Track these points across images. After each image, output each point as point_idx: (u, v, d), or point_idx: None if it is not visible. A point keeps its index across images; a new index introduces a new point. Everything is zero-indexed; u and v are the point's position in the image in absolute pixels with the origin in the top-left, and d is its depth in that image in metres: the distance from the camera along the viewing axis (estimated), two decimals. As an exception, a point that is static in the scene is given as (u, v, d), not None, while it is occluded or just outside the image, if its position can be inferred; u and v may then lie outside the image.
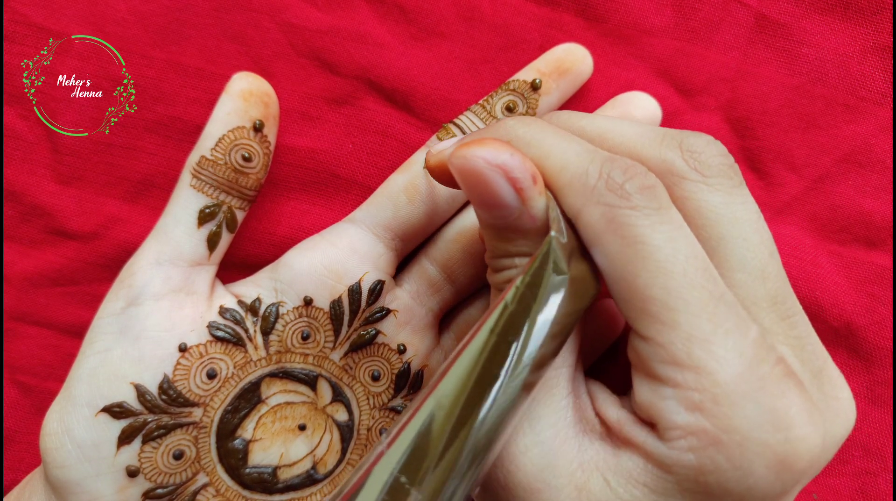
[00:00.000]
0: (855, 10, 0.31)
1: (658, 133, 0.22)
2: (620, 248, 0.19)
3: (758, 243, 0.21)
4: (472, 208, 0.29)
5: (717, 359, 0.18)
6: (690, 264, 0.19)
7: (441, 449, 0.18)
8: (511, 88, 0.29)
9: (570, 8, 0.31)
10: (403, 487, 0.18)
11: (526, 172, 0.19)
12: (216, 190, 0.27)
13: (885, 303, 0.32)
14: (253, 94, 0.27)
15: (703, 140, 0.21)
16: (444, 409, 0.18)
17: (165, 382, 0.26)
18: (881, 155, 0.31)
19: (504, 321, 0.19)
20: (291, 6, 0.30)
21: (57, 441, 0.25)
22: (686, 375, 0.18)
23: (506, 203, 0.20)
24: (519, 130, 0.21)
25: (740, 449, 0.18)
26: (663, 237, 0.19)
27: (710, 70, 0.31)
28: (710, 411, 0.18)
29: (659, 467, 0.19)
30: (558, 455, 0.20)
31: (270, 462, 0.27)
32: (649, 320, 0.19)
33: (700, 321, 0.18)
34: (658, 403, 0.19)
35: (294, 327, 0.28)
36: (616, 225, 0.19)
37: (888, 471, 0.32)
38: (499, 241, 0.21)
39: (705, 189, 0.21)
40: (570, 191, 0.20)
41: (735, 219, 0.21)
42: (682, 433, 0.18)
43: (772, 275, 0.21)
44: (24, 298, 0.31)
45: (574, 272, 0.19)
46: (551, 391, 0.21)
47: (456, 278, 0.29)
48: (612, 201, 0.19)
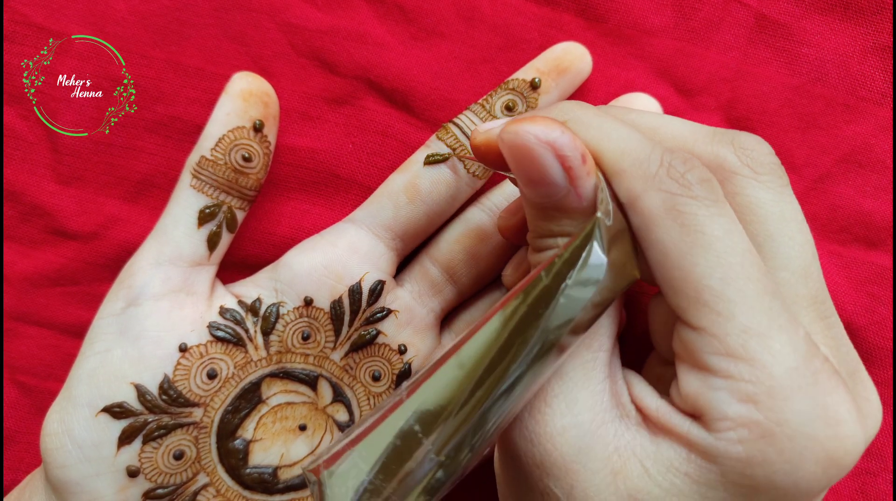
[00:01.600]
0: (855, 10, 0.31)
1: (709, 130, 0.22)
2: (680, 236, 0.19)
3: (803, 243, 0.21)
4: (474, 208, 0.30)
5: (772, 353, 0.18)
6: (748, 258, 0.19)
7: (457, 407, 0.19)
8: (510, 87, 0.29)
9: (570, 8, 0.31)
10: (416, 435, 0.19)
11: (576, 150, 0.19)
12: (216, 190, 0.27)
13: (885, 303, 0.32)
14: (253, 94, 0.27)
15: (753, 139, 0.21)
16: (465, 369, 0.19)
17: (166, 382, 0.26)
18: (881, 155, 0.31)
19: (537, 293, 0.19)
20: (291, 6, 0.30)
21: (57, 442, 0.25)
22: (740, 366, 0.18)
23: (553, 181, 0.20)
24: (577, 111, 0.21)
25: (791, 443, 0.18)
26: (722, 229, 0.19)
27: (710, 70, 0.31)
28: (764, 403, 0.18)
29: (704, 457, 0.19)
30: (595, 438, 0.20)
31: (271, 462, 0.27)
32: (704, 310, 0.19)
33: (756, 314, 0.18)
34: (707, 393, 0.19)
35: (294, 327, 0.28)
36: (676, 213, 0.19)
37: (888, 471, 0.32)
38: (543, 220, 0.21)
39: (756, 186, 0.21)
40: (629, 176, 0.20)
41: (783, 217, 0.21)
42: (732, 425, 0.18)
43: (814, 275, 0.21)
44: (24, 298, 0.31)
45: (615, 256, 0.19)
46: (589, 374, 0.21)
47: (458, 278, 0.29)
48: (673, 189, 0.19)
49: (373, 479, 0.19)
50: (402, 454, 0.19)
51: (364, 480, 0.19)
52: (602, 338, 0.21)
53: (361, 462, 0.19)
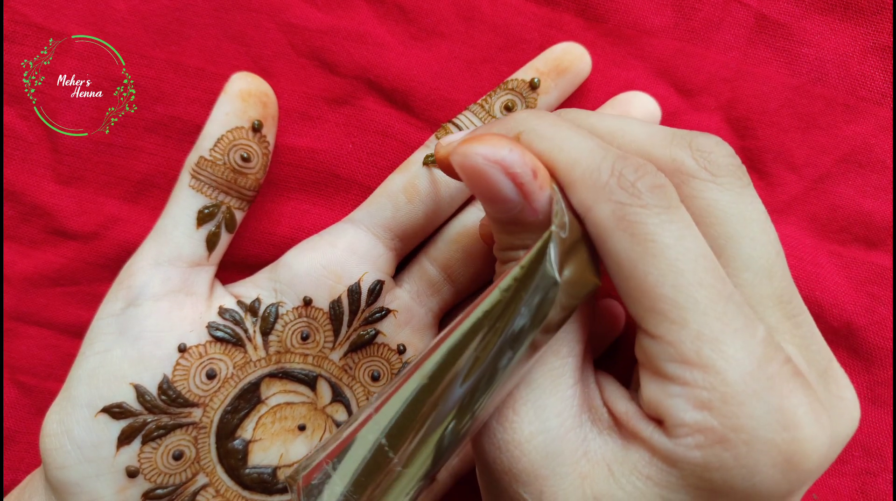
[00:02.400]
0: (855, 10, 0.31)
1: (667, 133, 0.22)
2: (630, 245, 0.19)
3: (765, 243, 0.21)
4: (473, 208, 0.30)
5: (726, 358, 0.18)
6: (700, 263, 0.19)
7: (421, 421, 0.19)
8: (510, 87, 0.29)
9: (570, 8, 0.31)
10: (385, 452, 0.19)
11: (526, 166, 0.19)
12: (215, 190, 0.27)
13: (885, 303, 0.32)
14: (251, 94, 0.27)
15: (712, 141, 0.21)
16: (426, 382, 0.19)
17: (165, 382, 0.26)
18: (881, 155, 0.31)
19: (495, 307, 0.19)
20: (291, 6, 0.30)
21: (57, 442, 0.25)
22: (695, 373, 0.18)
23: (507, 197, 0.20)
24: (531, 122, 0.21)
25: (747, 448, 0.18)
26: (673, 236, 0.19)
27: (710, 70, 0.31)
28: (718, 409, 0.18)
29: (664, 461, 0.19)
30: (563, 443, 0.20)
31: (270, 462, 0.27)
32: (658, 318, 0.19)
33: (709, 319, 0.18)
34: (665, 400, 0.19)
35: (293, 327, 0.28)
36: (626, 223, 0.19)
37: (888, 471, 0.32)
38: (504, 234, 0.21)
39: (714, 188, 0.21)
40: (580, 186, 0.20)
41: (743, 218, 0.21)
42: (689, 431, 0.18)
43: (778, 274, 0.21)
44: (24, 298, 0.31)
45: (572, 267, 0.20)
46: (557, 381, 0.21)
47: (456, 278, 0.29)
48: (623, 199, 0.19)
49: (346, 493, 0.19)
50: (372, 468, 0.19)
51: (339, 493, 0.19)
52: (571, 344, 0.21)
53: (337, 477, 0.20)
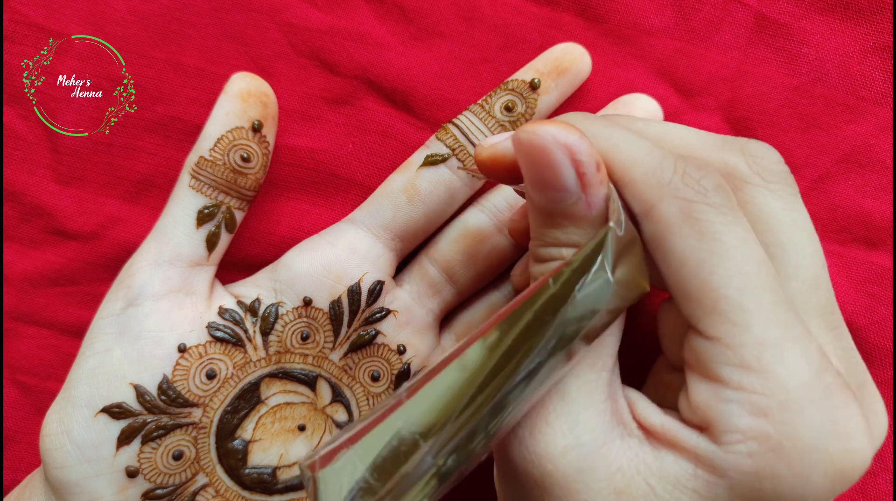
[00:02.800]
0: (855, 10, 0.31)
1: (718, 138, 0.22)
2: (698, 243, 0.19)
3: (813, 253, 0.20)
4: (474, 209, 0.30)
5: (786, 365, 0.18)
6: (764, 268, 0.18)
7: (457, 412, 0.18)
8: (510, 87, 0.29)
9: (570, 8, 0.31)
10: (415, 438, 0.18)
11: (592, 157, 0.19)
12: (215, 190, 0.27)
13: (885, 303, 0.32)
14: (251, 94, 0.27)
15: (763, 147, 0.21)
16: (467, 374, 0.19)
17: (165, 382, 0.26)
18: (881, 155, 0.31)
19: (544, 300, 0.19)
20: (291, 6, 0.30)
21: (56, 442, 0.25)
22: (753, 378, 0.18)
23: (565, 185, 0.19)
24: (584, 122, 0.21)
25: (801, 457, 0.18)
26: (739, 238, 0.19)
27: (710, 70, 0.31)
28: (775, 416, 0.18)
29: (711, 471, 0.18)
30: (598, 458, 0.19)
31: (270, 462, 0.27)
32: (719, 319, 0.18)
33: (772, 325, 0.18)
34: (717, 405, 0.18)
35: (293, 327, 0.28)
36: (693, 220, 0.19)
37: (888, 471, 0.32)
38: (548, 227, 0.21)
39: (767, 194, 0.20)
40: (642, 185, 0.19)
41: (794, 226, 0.20)
42: (741, 438, 0.18)
43: (823, 286, 0.20)
44: (24, 298, 0.31)
45: (625, 268, 0.19)
46: (592, 395, 0.20)
47: (457, 278, 0.29)
48: (689, 196, 0.19)
49: (368, 478, 0.18)
50: (399, 455, 0.18)
51: (359, 479, 0.18)
52: (605, 357, 0.21)
53: (358, 460, 0.19)
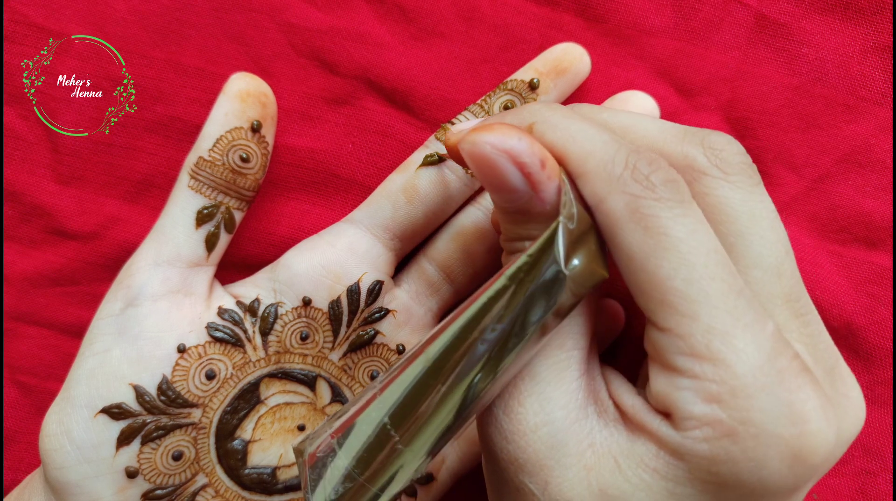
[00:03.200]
0: (855, 10, 0.31)
1: (679, 130, 0.22)
2: (643, 238, 0.19)
3: (774, 241, 0.21)
4: (472, 208, 0.30)
5: (735, 352, 0.18)
6: (712, 258, 0.19)
7: (423, 404, 0.20)
8: (509, 87, 0.29)
9: (570, 8, 0.31)
10: (388, 432, 0.20)
11: (534, 156, 0.19)
12: (214, 191, 0.27)
13: (885, 303, 0.32)
14: (250, 94, 0.27)
15: (724, 139, 0.21)
16: (430, 368, 0.20)
17: (164, 383, 0.26)
18: (881, 155, 0.31)
19: (499, 294, 0.19)
20: (291, 6, 0.30)
21: (56, 443, 0.25)
22: (704, 366, 0.18)
23: (514, 187, 0.20)
24: (544, 113, 0.21)
25: (755, 441, 0.18)
26: (686, 230, 0.19)
27: (709, 70, 0.31)
28: (727, 403, 0.18)
29: (672, 454, 0.19)
30: (568, 435, 0.20)
31: (269, 462, 0.27)
32: (669, 311, 0.19)
33: (720, 313, 0.18)
34: (674, 393, 0.19)
35: (293, 327, 0.28)
36: (640, 215, 0.19)
37: (888, 471, 0.32)
38: (511, 224, 0.21)
39: (726, 186, 0.21)
40: (594, 178, 0.20)
41: (753, 216, 0.21)
42: (697, 424, 0.18)
43: (787, 273, 0.21)
44: (24, 298, 0.31)
45: (580, 258, 0.20)
46: (562, 373, 0.21)
47: (455, 277, 0.29)
48: (637, 192, 0.19)
49: (350, 469, 0.20)
50: (375, 446, 0.20)
51: (344, 467, 0.20)
52: (575, 337, 0.21)
53: (342, 453, 0.20)
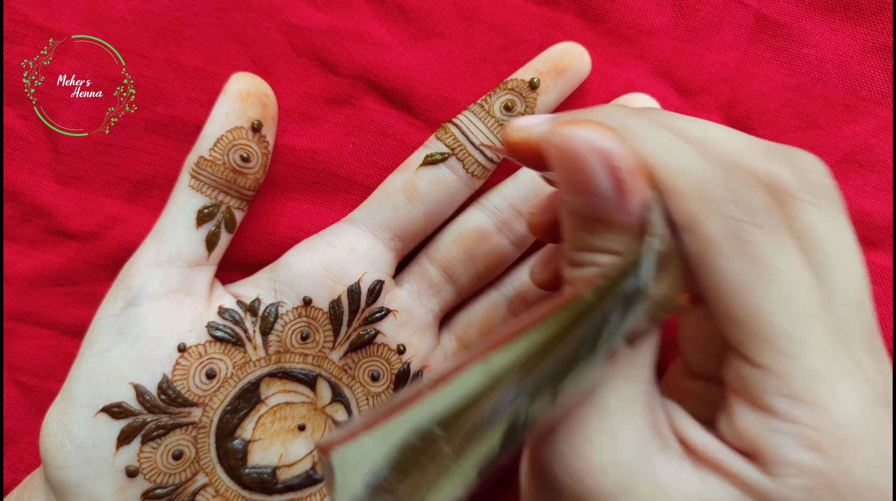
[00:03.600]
0: (855, 10, 0.31)
1: (763, 145, 0.20)
2: (744, 266, 0.18)
3: (858, 274, 0.19)
4: (474, 208, 0.30)
5: (839, 399, 0.17)
6: (814, 294, 0.18)
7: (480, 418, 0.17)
8: (509, 87, 0.29)
9: (570, 8, 0.31)
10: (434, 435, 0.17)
11: (629, 161, 0.18)
12: (215, 190, 0.27)
13: (884, 303, 0.32)
14: (251, 94, 0.27)
15: (812, 159, 0.20)
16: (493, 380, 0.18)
17: (164, 382, 0.26)
18: (881, 155, 0.31)
19: (579, 312, 0.18)
20: (291, 6, 0.30)
21: (56, 442, 0.25)
22: (805, 411, 0.17)
23: (600, 191, 0.18)
24: (625, 119, 0.20)
25: (855, 495, 0.17)
26: (788, 261, 0.18)
27: (709, 70, 0.31)
28: (830, 452, 0.17)
29: (759, 500, 0.18)
30: (638, 475, 0.18)
31: (270, 462, 0.27)
32: (766, 347, 0.17)
33: (823, 355, 0.17)
34: (768, 435, 0.18)
35: (293, 327, 0.28)
36: (741, 242, 0.18)
37: (888, 472, 0.32)
38: (583, 232, 0.19)
39: (815, 211, 0.19)
40: (687, 197, 0.18)
41: (840, 246, 0.19)
42: (794, 472, 0.17)
43: (867, 308, 0.20)
44: (24, 298, 0.31)
45: (664, 283, 0.18)
46: (631, 408, 0.19)
47: (456, 278, 0.29)
48: (737, 215, 0.18)
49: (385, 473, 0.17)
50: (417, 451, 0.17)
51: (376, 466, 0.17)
52: (643, 368, 0.20)
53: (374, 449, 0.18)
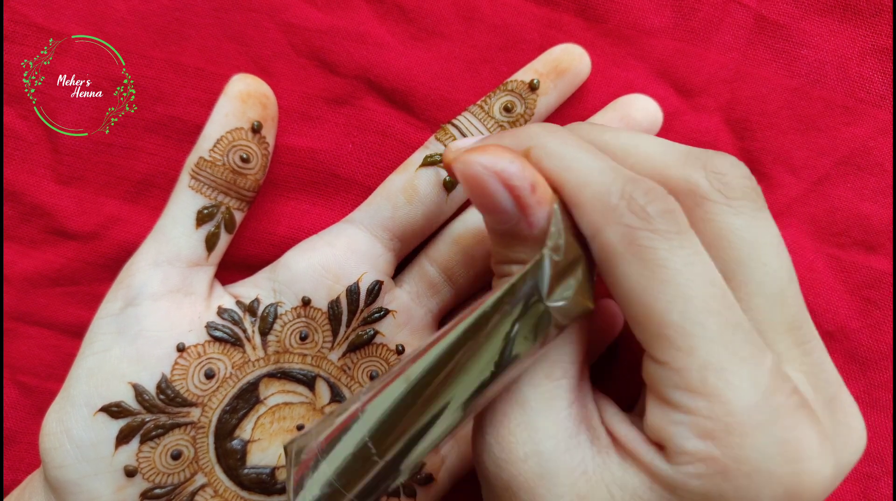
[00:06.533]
0: (854, 11, 0.31)
1: (682, 152, 0.21)
2: (640, 270, 0.19)
3: (777, 268, 0.20)
4: (473, 209, 0.30)
5: (731, 388, 0.18)
6: (709, 290, 0.19)
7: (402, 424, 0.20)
8: (509, 88, 0.29)
9: (569, 8, 0.31)
10: (370, 452, 0.20)
11: (524, 180, 0.19)
12: (214, 191, 0.27)
13: (881, 307, 0.32)
14: (251, 95, 0.27)
15: (728, 161, 0.21)
16: (410, 385, 0.20)
17: (163, 382, 0.26)
18: (880, 158, 0.31)
19: (482, 322, 0.20)
20: (291, 6, 0.30)
21: (56, 441, 0.25)
22: (699, 402, 0.18)
23: (503, 208, 0.20)
24: (542, 138, 0.21)
25: (748, 480, 0.18)
26: (683, 262, 0.19)
27: (709, 71, 0.31)
28: (722, 440, 0.18)
29: (664, 488, 0.19)
30: (559, 464, 0.20)
31: (269, 462, 0.27)
32: (665, 344, 0.19)
33: (717, 348, 0.18)
34: (668, 427, 0.19)
35: (292, 327, 0.28)
36: (636, 247, 0.19)
37: (889, 474, 0.32)
38: (500, 246, 0.21)
39: (728, 212, 0.20)
40: (589, 208, 0.20)
41: (756, 243, 0.20)
42: (690, 459, 0.18)
43: (790, 300, 0.20)
44: (24, 298, 0.31)
45: (564, 290, 0.20)
46: (550, 403, 0.21)
47: (456, 279, 0.29)
48: (633, 223, 0.19)
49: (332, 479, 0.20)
50: (356, 460, 0.20)
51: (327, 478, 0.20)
52: (564, 365, 0.21)
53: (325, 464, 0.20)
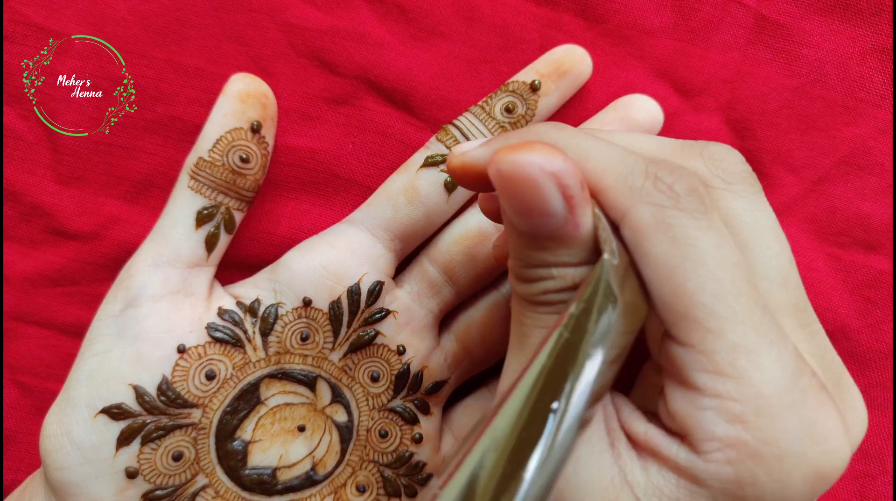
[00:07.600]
0: (854, 11, 0.31)
1: (677, 144, 0.21)
2: (670, 249, 0.18)
3: (780, 251, 0.20)
4: (474, 210, 0.29)
5: (761, 370, 0.17)
6: (738, 272, 0.18)
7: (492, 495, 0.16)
8: (510, 89, 0.29)
9: (569, 8, 0.31)
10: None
11: (577, 177, 0.18)
12: (214, 191, 0.27)
13: (881, 306, 0.32)
14: (250, 95, 0.27)
15: (723, 148, 0.21)
16: (498, 448, 0.17)
17: (164, 383, 0.26)
18: (880, 157, 0.31)
19: (559, 349, 0.18)
20: (291, 6, 0.30)
21: (56, 443, 0.25)
22: (728, 384, 0.17)
23: (553, 210, 0.18)
24: (552, 134, 0.21)
25: (779, 463, 0.17)
26: (712, 242, 0.18)
27: (709, 71, 0.31)
28: (751, 423, 0.17)
29: (693, 482, 0.18)
30: (592, 472, 0.19)
31: (270, 463, 0.27)
32: (693, 326, 0.18)
33: (746, 330, 0.18)
34: (695, 413, 0.18)
35: (293, 328, 0.28)
36: (666, 226, 0.18)
37: (887, 474, 0.32)
38: (533, 250, 0.20)
39: (729, 196, 0.20)
40: (615, 192, 0.19)
41: (757, 226, 0.20)
42: (719, 446, 0.18)
43: (792, 283, 0.20)
44: (24, 298, 0.31)
45: (627, 295, 0.18)
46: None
47: (456, 279, 0.29)
48: (661, 201, 0.18)
49: None
50: None
51: None
52: None
53: None
